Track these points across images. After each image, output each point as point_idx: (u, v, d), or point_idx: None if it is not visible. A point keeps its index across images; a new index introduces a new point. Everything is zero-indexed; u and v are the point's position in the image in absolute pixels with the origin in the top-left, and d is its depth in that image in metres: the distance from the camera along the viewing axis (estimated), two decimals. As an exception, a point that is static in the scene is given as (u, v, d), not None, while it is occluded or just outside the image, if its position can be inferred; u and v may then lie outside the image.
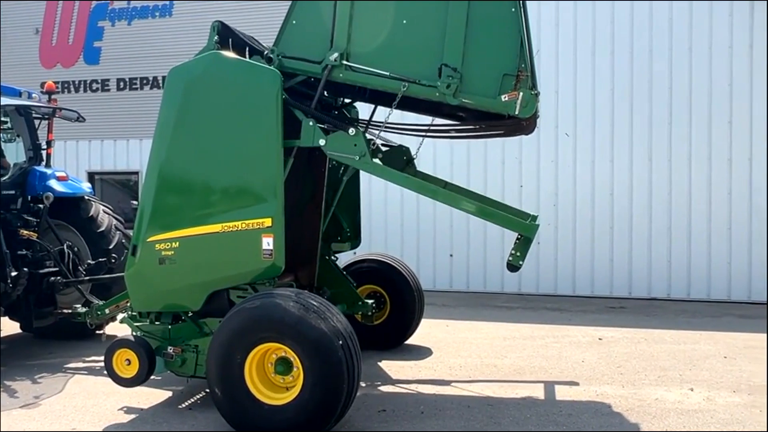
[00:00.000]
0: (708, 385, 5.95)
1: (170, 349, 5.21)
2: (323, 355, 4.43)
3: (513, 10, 4.91)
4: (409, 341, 7.43)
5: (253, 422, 4.60)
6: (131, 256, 5.26)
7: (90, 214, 7.61)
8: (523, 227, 5.31)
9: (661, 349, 7.27)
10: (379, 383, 6.14)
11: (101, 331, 7.37)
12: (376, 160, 5.19)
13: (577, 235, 10.75)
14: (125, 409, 5.45)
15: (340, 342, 4.47)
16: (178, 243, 5.08)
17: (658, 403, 5.51)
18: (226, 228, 4.98)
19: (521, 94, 4.89)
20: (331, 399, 4.46)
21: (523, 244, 5.20)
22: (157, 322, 5.37)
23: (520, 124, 5.47)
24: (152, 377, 5.34)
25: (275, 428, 4.54)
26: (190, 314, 5.31)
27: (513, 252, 5.18)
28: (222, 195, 5.09)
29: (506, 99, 4.93)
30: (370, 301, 6.97)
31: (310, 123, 5.11)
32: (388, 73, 5.03)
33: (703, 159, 10.28)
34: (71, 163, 12.65)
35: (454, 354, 7.14)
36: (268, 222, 4.92)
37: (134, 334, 5.35)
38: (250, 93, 5.01)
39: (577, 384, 6.06)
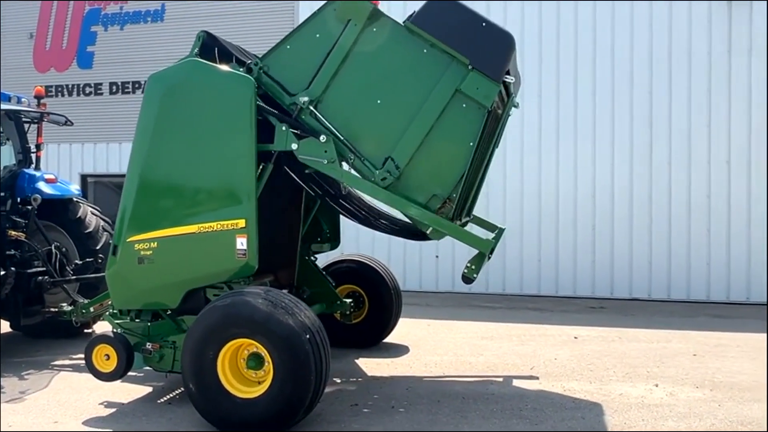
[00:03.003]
0: (673, 381, 6.13)
1: (149, 345, 5.40)
2: (291, 350, 4.61)
3: (471, 144, 5.08)
4: (389, 339, 7.60)
5: (226, 415, 4.78)
6: (112, 256, 5.46)
7: (78, 216, 7.78)
8: (478, 242, 5.39)
9: (634, 348, 7.45)
10: (354, 379, 6.33)
11: (90, 329, 7.59)
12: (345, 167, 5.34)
13: (560, 237, 10.93)
14: (106, 403, 5.63)
15: (308, 336, 4.65)
16: (156, 243, 5.28)
17: (622, 398, 5.69)
18: (202, 228, 5.18)
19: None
20: (300, 392, 4.65)
21: (478, 257, 5.32)
22: (137, 320, 5.56)
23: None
24: (133, 373, 5.52)
25: (247, 421, 4.73)
26: (168, 312, 5.51)
27: (468, 265, 5.31)
28: (198, 197, 5.29)
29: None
30: (348, 300, 7.16)
31: (283, 128, 5.28)
32: (342, 138, 5.20)
33: (683, 162, 10.48)
34: (65, 166, 12.85)
35: (431, 352, 7.33)
36: (242, 223, 5.11)
37: (114, 330, 5.55)
38: (225, 98, 5.21)
39: (546, 380, 6.24)
